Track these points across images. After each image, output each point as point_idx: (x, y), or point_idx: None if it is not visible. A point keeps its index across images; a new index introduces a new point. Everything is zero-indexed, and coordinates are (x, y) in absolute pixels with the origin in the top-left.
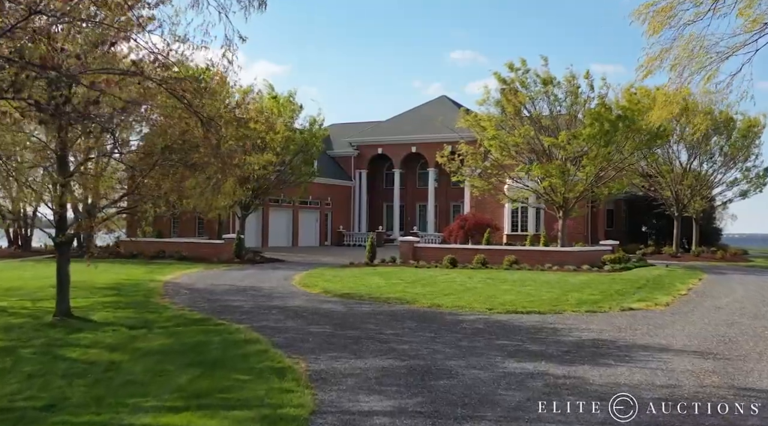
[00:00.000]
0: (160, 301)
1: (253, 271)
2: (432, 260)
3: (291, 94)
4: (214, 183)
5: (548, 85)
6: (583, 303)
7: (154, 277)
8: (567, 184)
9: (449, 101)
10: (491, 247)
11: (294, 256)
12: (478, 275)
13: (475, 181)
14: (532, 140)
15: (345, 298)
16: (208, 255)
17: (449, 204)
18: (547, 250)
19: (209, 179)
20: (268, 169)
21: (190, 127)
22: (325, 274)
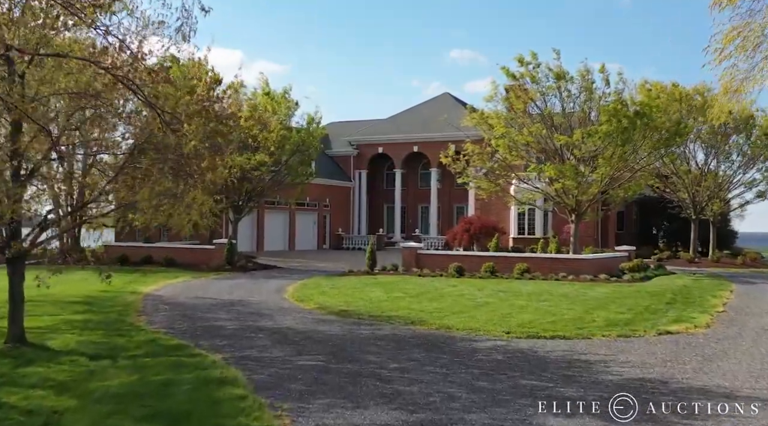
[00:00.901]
0: (136, 319)
1: (244, 280)
2: (436, 268)
3: (286, 90)
4: (179, 193)
5: (561, 80)
6: (613, 324)
7: (136, 288)
8: (580, 186)
9: (452, 99)
10: (500, 254)
11: (290, 261)
12: (489, 287)
13: (482, 183)
14: (543, 139)
15: (342, 317)
16: (198, 261)
17: (452, 206)
18: (561, 258)
19: (171, 189)
20: (261, 169)
21: (152, 124)
22: (322, 285)
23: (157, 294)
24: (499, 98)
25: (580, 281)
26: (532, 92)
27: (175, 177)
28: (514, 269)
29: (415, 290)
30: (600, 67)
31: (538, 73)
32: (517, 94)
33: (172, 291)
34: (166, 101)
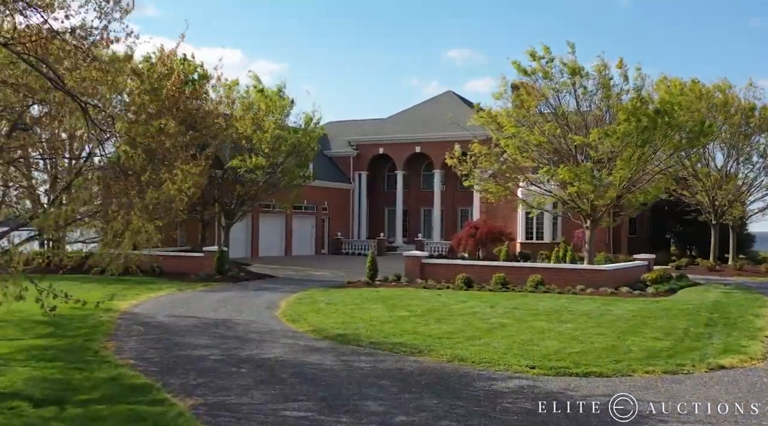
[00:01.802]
0: (103, 346)
1: (234, 293)
2: (442, 279)
3: (280, 87)
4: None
5: (576, 76)
6: (653, 355)
7: (112, 303)
8: (597, 190)
9: (456, 97)
10: (511, 265)
11: (285, 268)
12: (501, 303)
13: (490, 186)
14: (556, 139)
15: (339, 343)
16: (186, 269)
17: (456, 209)
18: (578, 269)
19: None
20: (257, 173)
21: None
22: (317, 300)
23: (134, 311)
24: (509, 96)
25: (601, 295)
26: (545, 89)
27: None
28: (527, 281)
29: (420, 307)
30: (618, 61)
31: (552, 68)
32: (528, 91)
33: (152, 307)
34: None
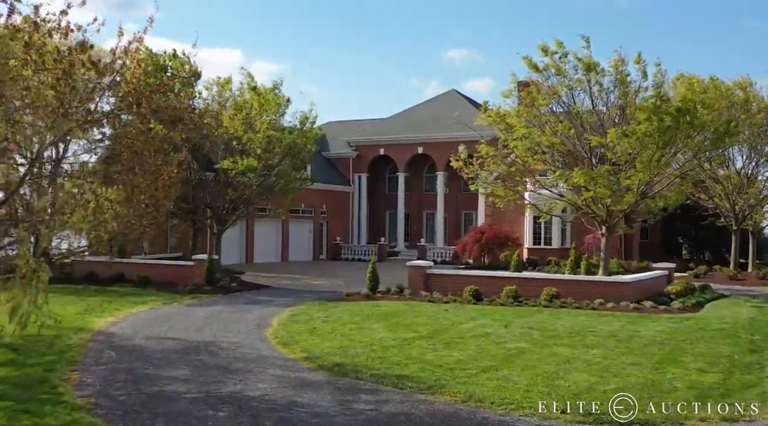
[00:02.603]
0: (66, 378)
1: (223, 307)
2: (449, 291)
3: (276, 85)
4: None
5: (591, 72)
6: (703, 394)
7: (89, 320)
8: (614, 195)
9: (459, 96)
10: (523, 276)
11: (281, 277)
12: (516, 321)
13: (498, 190)
14: (570, 140)
15: (335, 375)
16: (175, 279)
17: (460, 212)
18: (596, 281)
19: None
20: (249, 176)
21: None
22: (313, 317)
23: (110, 331)
24: (518, 94)
25: (623, 311)
26: (558, 86)
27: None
28: (541, 294)
29: (426, 327)
30: (636, 56)
31: (566, 63)
32: (539, 89)
33: (131, 325)
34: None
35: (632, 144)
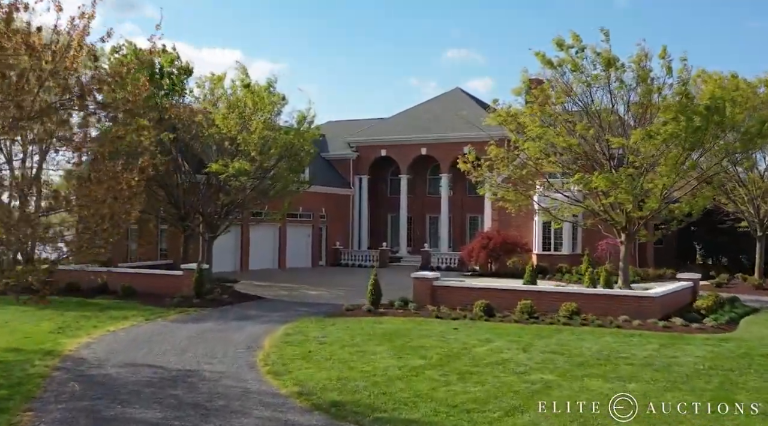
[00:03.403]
0: (15, 421)
1: (211, 324)
2: (457, 305)
3: (270, 82)
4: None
5: (611, 68)
6: None
7: (60, 341)
8: (636, 200)
9: (464, 94)
10: (539, 289)
11: (277, 286)
12: (536, 344)
13: (509, 194)
14: (589, 141)
15: (333, 418)
16: (162, 290)
17: (465, 216)
18: (619, 295)
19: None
20: (240, 179)
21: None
22: (309, 336)
23: (81, 356)
24: (530, 91)
25: (652, 330)
26: (576, 82)
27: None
28: (560, 310)
29: (436, 351)
30: (661, 50)
31: (583, 58)
32: (552, 86)
33: (106, 348)
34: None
35: (657, 145)
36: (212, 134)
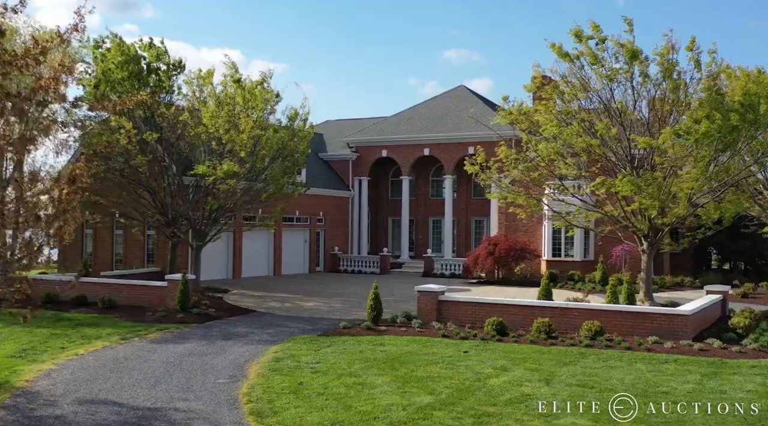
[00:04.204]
0: None
1: (193, 345)
2: (466, 322)
3: (264, 77)
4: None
5: (636, 61)
6: None
7: (17, 369)
8: (663, 206)
9: (469, 92)
10: (557, 305)
11: (270, 296)
12: (560, 373)
13: (520, 199)
14: (610, 141)
15: None
16: (145, 302)
17: (470, 219)
18: (647, 313)
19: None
20: (229, 183)
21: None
22: (301, 363)
23: (37, 389)
24: (546, 87)
25: (687, 354)
26: (597, 76)
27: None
28: (581, 329)
29: (445, 383)
30: (689, 41)
31: (604, 50)
32: (567, 81)
33: (69, 378)
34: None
35: (689, 146)
36: (199, 133)
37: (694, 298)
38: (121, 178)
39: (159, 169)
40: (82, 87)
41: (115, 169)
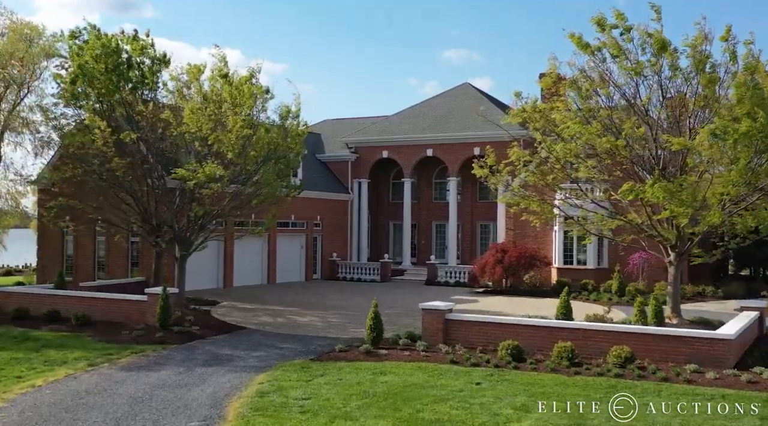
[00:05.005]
0: None
1: (169, 373)
2: (477, 344)
3: (253, 72)
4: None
5: (665, 53)
6: None
7: None
8: (696, 213)
9: (474, 90)
10: (579, 326)
11: (263, 309)
12: (591, 414)
13: (533, 205)
14: (636, 142)
15: None
16: (123, 318)
17: (476, 223)
18: (681, 336)
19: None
20: (212, 186)
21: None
22: (289, 398)
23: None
24: (563, 81)
25: (732, 386)
26: (622, 69)
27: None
28: (608, 355)
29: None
30: (725, 31)
31: (630, 40)
32: (586, 76)
33: (16, 420)
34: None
35: (730, 147)
36: (182, 133)
37: (719, 310)
38: (99, 182)
39: (142, 171)
40: (57, 83)
41: (93, 171)
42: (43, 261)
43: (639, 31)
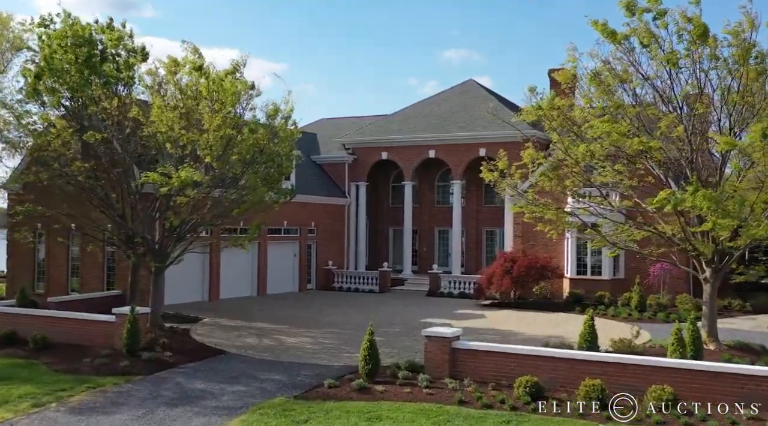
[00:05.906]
0: None
1: (125, 418)
2: (489, 378)
3: (236, 66)
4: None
5: (706, 41)
6: None
7: None
8: (742, 225)
9: (479, 87)
10: (609, 359)
11: (249, 327)
12: None
13: (548, 213)
14: (673, 142)
15: None
16: (88, 340)
17: (481, 229)
18: (731, 373)
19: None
20: (188, 194)
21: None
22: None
23: None
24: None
25: None
26: (656, 59)
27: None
28: (647, 396)
29: None
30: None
31: (666, 26)
32: (610, 68)
33: None
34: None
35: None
36: (153, 133)
37: (752, 329)
38: (66, 186)
39: (116, 175)
40: (23, 78)
41: (57, 176)
42: (13, 271)
43: (679, 14)
